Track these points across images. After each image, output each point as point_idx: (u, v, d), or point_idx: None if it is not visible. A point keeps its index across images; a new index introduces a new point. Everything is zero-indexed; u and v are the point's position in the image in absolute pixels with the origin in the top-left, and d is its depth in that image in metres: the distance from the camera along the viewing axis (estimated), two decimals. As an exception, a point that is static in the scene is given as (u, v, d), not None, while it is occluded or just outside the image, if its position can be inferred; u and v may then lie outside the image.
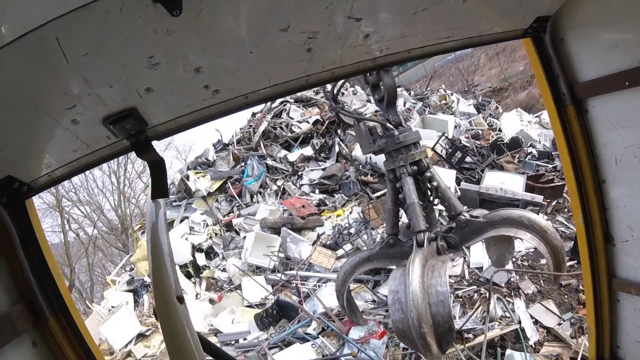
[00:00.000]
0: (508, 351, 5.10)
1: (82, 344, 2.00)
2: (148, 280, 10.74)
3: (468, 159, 10.60)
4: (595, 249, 2.94)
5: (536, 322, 5.97)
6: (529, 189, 8.35)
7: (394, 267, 4.59)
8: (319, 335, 6.80)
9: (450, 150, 10.46)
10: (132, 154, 2.05)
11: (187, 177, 13.40)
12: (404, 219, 4.62)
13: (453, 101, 15.62)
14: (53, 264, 1.95)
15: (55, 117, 1.62)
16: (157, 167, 2.05)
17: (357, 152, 10.77)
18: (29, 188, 1.88)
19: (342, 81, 4.64)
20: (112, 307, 9.77)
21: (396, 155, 4.36)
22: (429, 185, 4.45)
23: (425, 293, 3.49)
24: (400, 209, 4.66)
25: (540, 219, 4.41)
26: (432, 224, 4.51)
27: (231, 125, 18.27)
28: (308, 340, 6.72)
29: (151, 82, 1.68)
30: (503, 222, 4.36)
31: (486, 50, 26.41)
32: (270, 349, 6.81)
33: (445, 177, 9.02)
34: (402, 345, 5.81)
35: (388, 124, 4.37)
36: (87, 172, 23.39)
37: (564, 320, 5.88)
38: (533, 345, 5.52)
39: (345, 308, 4.61)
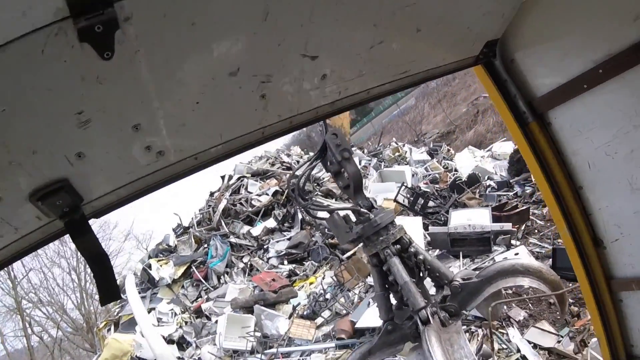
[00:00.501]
0: None
1: None
2: None
3: (431, 203, 10.82)
4: (587, 255, 2.85)
5: (535, 346, 5.91)
6: (495, 219, 8.49)
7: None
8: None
9: (412, 199, 10.64)
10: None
11: (150, 266, 12.84)
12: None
13: (406, 152, 16.10)
14: None
15: None
16: (100, 263, 1.70)
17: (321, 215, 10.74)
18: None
19: (307, 175, 4.77)
20: None
21: (376, 238, 4.37)
22: (415, 260, 4.51)
23: None
24: (390, 292, 4.65)
25: (532, 261, 4.56)
26: (427, 298, 4.54)
27: (189, 206, 18.08)
28: None
29: (82, 145, 1.42)
30: (499, 276, 4.41)
31: (428, 99, 27.97)
32: None
33: (412, 225, 9.03)
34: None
35: (361, 209, 4.50)
36: (46, 271, 22.26)
37: (562, 337, 5.85)
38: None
39: None
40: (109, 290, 1.78)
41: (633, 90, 2.14)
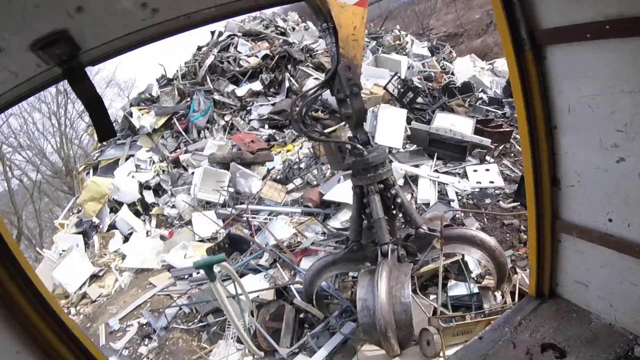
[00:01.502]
0: (451, 282, 5.37)
1: (30, 286, 1.93)
2: (96, 221, 10.53)
3: (419, 99, 10.72)
4: (541, 191, 3.09)
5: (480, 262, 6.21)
6: (477, 132, 8.59)
7: (357, 271, 4.88)
8: (271, 266, 6.90)
9: (402, 90, 10.48)
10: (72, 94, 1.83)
11: (131, 114, 12.75)
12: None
13: (407, 42, 15.50)
14: None
15: None
16: (96, 105, 1.87)
17: (308, 87, 10.58)
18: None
19: (308, 102, 4.72)
20: (63, 250, 9.42)
21: (364, 173, 4.63)
22: (393, 201, 4.83)
23: (391, 303, 4.11)
24: (364, 219, 4.96)
25: (491, 240, 4.83)
26: (394, 233, 4.96)
27: (175, 60, 17.54)
28: (260, 272, 6.79)
29: (82, 0, 1.49)
30: (458, 240, 4.87)
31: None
32: (223, 280, 6.83)
33: (396, 115, 9.13)
34: (350, 273, 6.01)
35: (358, 145, 4.62)
36: (26, 116, 21.85)
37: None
38: (475, 278, 5.85)
39: (314, 305, 5.32)
40: (105, 129, 1.98)
41: (634, 57, 2.18)
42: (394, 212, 4.90)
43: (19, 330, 1.84)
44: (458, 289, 5.28)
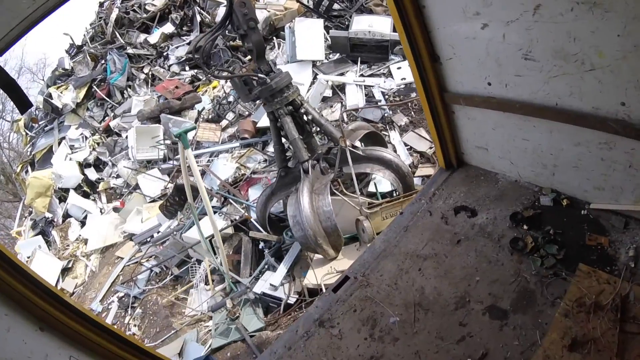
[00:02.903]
0: (378, 178, 5.66)
1: (3, 256, 1.99)
2: (49, 215, 10.33)
3: (336, 6, 10.31)
4: (424, 69, 3.21)
5: (410, 148, 6.57)
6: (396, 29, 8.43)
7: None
8: (224, 205, 7.02)
9: (317, 0, 10.07)
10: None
11: (50, 96, 11.94)
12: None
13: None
14: None
15: None
16: (9, 87, 2.01)
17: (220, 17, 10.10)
18: None
19: (208, 44, 4.70)
20: (27, 257, 9.16)
21: (272, 99, 4.86)
22: (305, 119, 5.10)
23: (316, 214, 4.54)
24: (285, 144, 5.18)
25: (404, 165, 5.25)
26: (314, 149, 5.31)
27: (80, 24, 16.23)
28: (215, 213, 6.91)
29: None
30: (376, 162, 5.22)
31: None
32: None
33: (313, 27, 8.87)
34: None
35: (260, 75, 4.80)
36: None
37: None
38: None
39: (269, 232, 5.73)
40: (23, 102, 2.12)
41: None
42: (310, 129, 5.19)
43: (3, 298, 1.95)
44: (385, 184, 5.67)
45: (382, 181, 5.63)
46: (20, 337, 1.94)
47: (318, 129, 5.33)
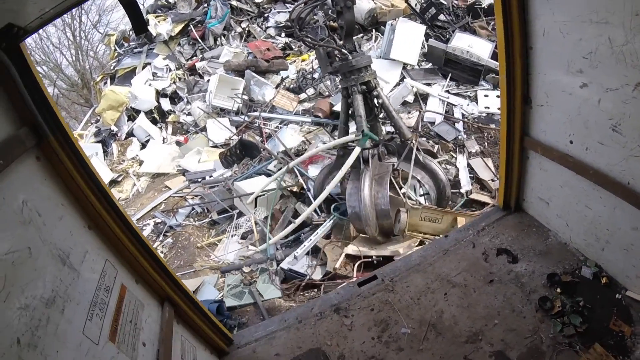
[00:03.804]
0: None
1: (77, 156, 2.27)
2: (115, 129, 10.92)
3: (442, 17, 10.18)
4: (513, 108, 3.26)
5: (473, 177, 6.49)
6: (495, 57, 8.23)
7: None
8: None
9: (425, 5, 10.01)
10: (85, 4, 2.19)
11: (147, 22, 12.37)
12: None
13: (439, -48, 14.41)
14: (47, 94, 2.15)
15: None
16: (132, 8, 2.30)
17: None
18: (24, 31, 2.02)
19: (307, 10, 5.33)
20: None
21: (349, 76, 5.20)
22: (376, 102, 5.35)
23: (373, 205, 4.98)
24: (349, 125, 5.57)
25: (447, 180, 5.62)
26: (377, 133, 5.55)
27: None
28: (270, 175, 7.18)
29: None
30: (430, 174, 5.58)
31: None
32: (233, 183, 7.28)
33: (414, 31, 8.87)
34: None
35: (344, 50, 5.17)
36: (40, 30, 21.41)
37: (497, 179, 6.26)
38: (463, 192, 6.14)
39: (323, 207, 6.08)
40: (140, 24, 2.56)
41: None
42: (377, 113, 5.46)
43: (64, 188, 2.20)
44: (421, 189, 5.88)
45: (420, 186, 5.85)
46: (68, 228, 2.12)
47: (385, 116, 5.58)
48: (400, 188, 5.25)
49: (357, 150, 4.94)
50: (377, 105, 5.34)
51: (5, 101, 1.94)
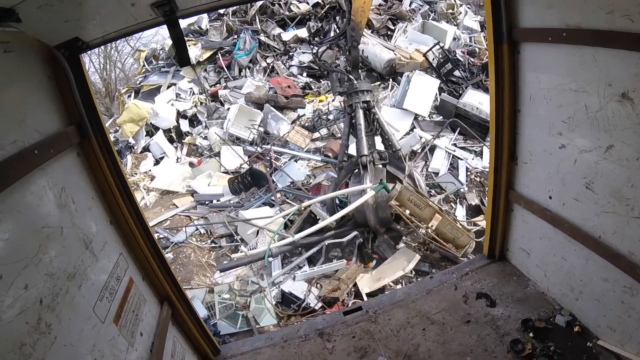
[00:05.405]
0: None
1: (111, 157, 2.64)
2: (132, 141, 11.30)
3: (457, 72, 10.63)
4: (501, 163, 3.56)
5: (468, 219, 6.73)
6: None
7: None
8: (283, 203, 7.57)
9: (442, 61, 10.46)
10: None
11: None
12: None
13: (460, 13, 15.15)
14: (95, 99, 2.54)
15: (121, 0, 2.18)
16: (180, 42, 2.75)
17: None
18: (87, 46, 2.44)
19: (326, 46, 8.16)
20: None
21: (354, 95, 6.48)
22: (372, 117, 6.51)
23: (375, 207, 5.96)
24: (349, 143, 6.79)
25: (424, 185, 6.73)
26: (373, 145, 6.62)
27: (230, -4, 17.45)
28: (274, 205, 7.46)
29: None
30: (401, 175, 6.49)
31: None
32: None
33: (429, 83, 9.31)
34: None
35: (350, 76, 6.55)
36: None
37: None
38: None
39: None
40: (185, 58, 2.96)
41: (581, 61, 2.56)
42: (374, 128, 6.59)
43: (96, 183, 2.54)
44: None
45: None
46: (94, 218, 2.43)
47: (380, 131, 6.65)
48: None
49: (370, 193, 5.84)
50: (374, 120, 6.53)
51: (60, 101, 2.30)
